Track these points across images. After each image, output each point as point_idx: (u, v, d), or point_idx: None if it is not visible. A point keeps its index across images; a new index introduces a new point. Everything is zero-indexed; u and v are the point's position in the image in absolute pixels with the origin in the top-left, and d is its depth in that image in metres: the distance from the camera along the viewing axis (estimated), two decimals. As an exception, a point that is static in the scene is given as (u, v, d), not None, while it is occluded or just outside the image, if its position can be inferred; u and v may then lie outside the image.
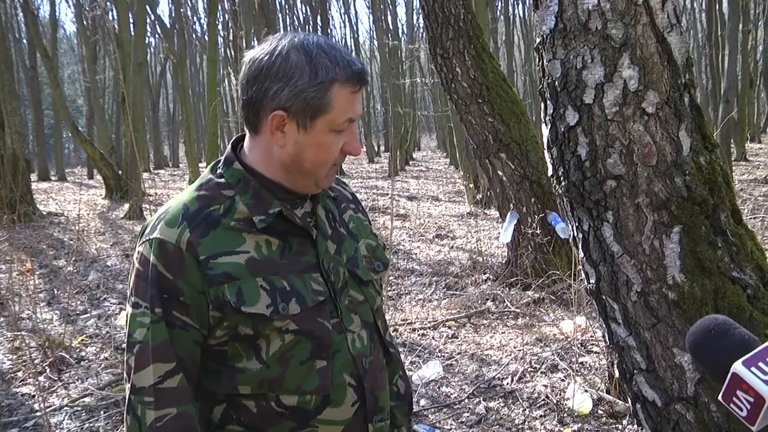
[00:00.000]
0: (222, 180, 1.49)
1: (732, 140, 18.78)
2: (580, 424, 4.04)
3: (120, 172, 19.19)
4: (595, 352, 5.07)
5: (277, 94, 1.39)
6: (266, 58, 1.41)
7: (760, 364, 0.98)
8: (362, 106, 1.48)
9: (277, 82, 1.39)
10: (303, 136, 1.42)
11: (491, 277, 7.62)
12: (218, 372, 1.45)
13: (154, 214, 1.49)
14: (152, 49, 41.32)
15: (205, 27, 28.42)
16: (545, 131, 2.23)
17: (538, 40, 2.19)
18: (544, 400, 4.40)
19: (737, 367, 0.99)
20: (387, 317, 5.97)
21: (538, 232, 6.55)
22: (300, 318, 1.43)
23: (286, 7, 40.39)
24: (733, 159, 18.67)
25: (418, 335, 5.90)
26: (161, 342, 1.39)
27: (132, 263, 1.46)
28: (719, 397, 1.03)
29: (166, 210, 1.46)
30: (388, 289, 7.37)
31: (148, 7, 21.34)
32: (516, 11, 36.22)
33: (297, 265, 1.47)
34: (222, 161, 1.52)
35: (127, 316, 1.45)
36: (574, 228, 2.25)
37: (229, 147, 1.53)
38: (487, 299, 6.75)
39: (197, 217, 1.42)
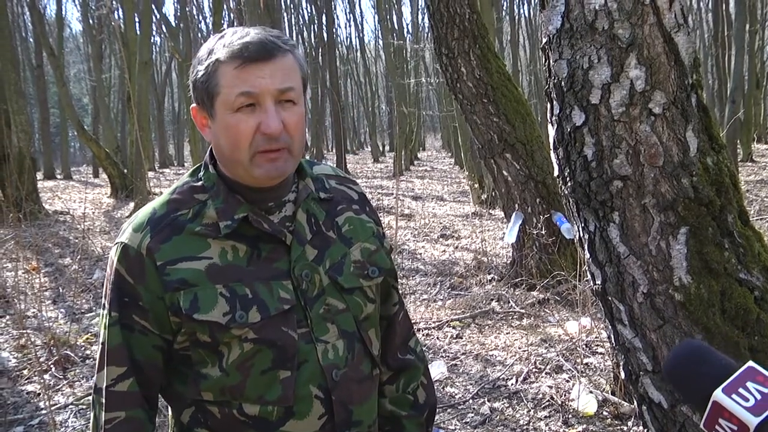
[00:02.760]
0: (198, 184, 1.47)
1: (738, 141, 18.73)
2: (584, 426, 4.04)
3: (125, 170, 19.22)
4: (600, 353, 5.06)
5: (191, 90, 1.42)
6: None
7: (741, 391, 0.96)
8: (277, 80, 1.35)
9: (190, 79, 1.42)
10: (214, 125, 1.40)
11: (496, 277, 7.62)
12: (186, 375, 1.44)
13: (129, 218, 1.50)
14: (157, 48, 41.42)
15: (210, 26, 28.47)
16: (551, 132, 2.22)
17: (544, 40, 2.18)
18: (548, 400, 4.39)
19: (718, 395, 0.96)
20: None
21: (543, 232, 6.53)
22: (260, 327, 1.39)
23: (292, 6, 40.46)
24: (739, 159, 18.63)
25: (423, 335, 5.90)
26: (115, 345, 1.41)
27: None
28: (701, 425, 1.00)
29: (137, 214, 1.46)
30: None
31: (153, 6, 21.38)
32: (521, 11, 36.27)
33: (265, 272, 1.42)
34: (202, 165, 1.51)
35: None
36: (580, 229, 2.24)
37: (209, 151, 1.51)
38: (492, 299, 6.74)
39: (161, 222, 1.41)
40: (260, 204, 1.45)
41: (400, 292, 1.67)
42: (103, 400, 1.40)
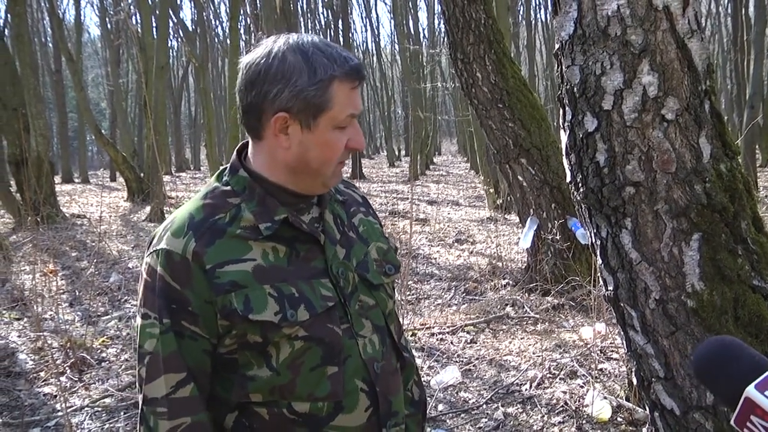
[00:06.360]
0: (228, 188, 1.48)
1: (757, 146, 18.58)
2: (598, 432, 4.02)
3: (142, 174, 19.37)
4: (615, 359, 5.04)
5: (278, 96, 1.39)
6: (263, 61, 1.40)
7: None
8: (362, 102, 1.48)
9: (277, 84, 1.38)
10: (307, 136, 1.41)
11: (511, 282, 7.59)
12: (229, 380, 1.44)
13: (161, 225, 1.49)
14: (174, 53, 41.60)
15: (227, 31, 28.61)
16: (564, 137, 2.22)
17: (557, 46, 2.19)
18: (562, 406, 4.38)
19: (750, 391, 0.95)
20: (405, 321, 5.95)
21: (558, 237, 6.51)
22: (309, 324, 1.41)
23: (308, 11, 40.56)
24: (758, 165, 18.48)
25: (437, 340, 5.89)
26: (171, 352, 1.39)
27: (141, 274, 1.46)
28: (732, 422, 0.99)
29: (172, 220, 1.46)
30: (408, 293, 7.37)
31: (170, 10, 21.52)
32: (538, 16, 36.13)
33: (305, 272, 1.45)
34: (228, 168, 1.52)
35: (137, 327, 1.45)
36: (593, 234, 2.24)
37: (234, 154, 1.53)
38: (507, 304, 6.72)
39: (202, 226, 1.42)
40: (293, 206, 1.49)
41: (415, 296, 1.70)
42: (164, 409, 1.38)
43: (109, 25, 32.48)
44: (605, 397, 4.28)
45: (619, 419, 4.12)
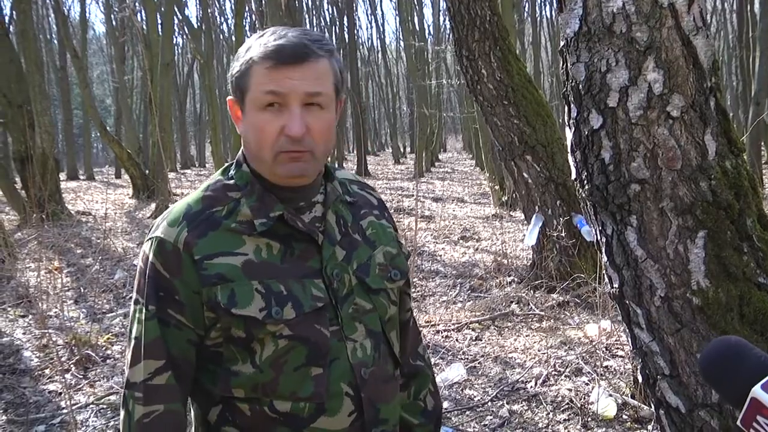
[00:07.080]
0: (230, 182, 1.49)
1: (762, 143, 18.52)
2: (604, 429, 4.02)
3: (147, 171, 19.39)
4: (620, 356, 5.04)
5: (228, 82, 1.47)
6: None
7: None
8: (306, 83, 1.37)
9: (228, 72, 1.47)
10: (245, 119, 1.44)
11: (516, 279, 7.59)
12: (215, 373, 1.45)
13: (162, 214, 1.51)
14: (179, 50, 41.65)
15: (232, 28, 28.61)
16: (569, 134, 2.21)
17: (562, 43, 2.18)
18: (568, 403, 4.38)
19: (756, 391, 0.95)
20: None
21: (563, 234, 6.51)
22: (295, 323, 1.40)
23: (313, 9, 40.60)
24: (763, 162, 18.43)
25: (442, 337, 5.90)
26: (153, 339, 1.41)
27: (138, 261, 1.48)
28: (738, 422, 0.99)
29: (170, 210, 1.48)
30: (413, 290, 7.36)
31: (175, 7, 21.51)
32: (543, 12, 36.10)
33: (298, 270, 1.44)
34: (234, 163, 1.53)
35: (130, 311, 1.47)
36: (598, 232, 2.23)
37: (241, 149, 1.53)
38: (512, 302, 6.72)
39: (198, 218, 1.43)
40: (292, 204, 1.48)
41: (420, 293, 1.69)
42: (140, 394, 1.40)
43: (114, 22, 32.48)
44: (610, 395, 4.28)
45: (624, 417, 4.12)
